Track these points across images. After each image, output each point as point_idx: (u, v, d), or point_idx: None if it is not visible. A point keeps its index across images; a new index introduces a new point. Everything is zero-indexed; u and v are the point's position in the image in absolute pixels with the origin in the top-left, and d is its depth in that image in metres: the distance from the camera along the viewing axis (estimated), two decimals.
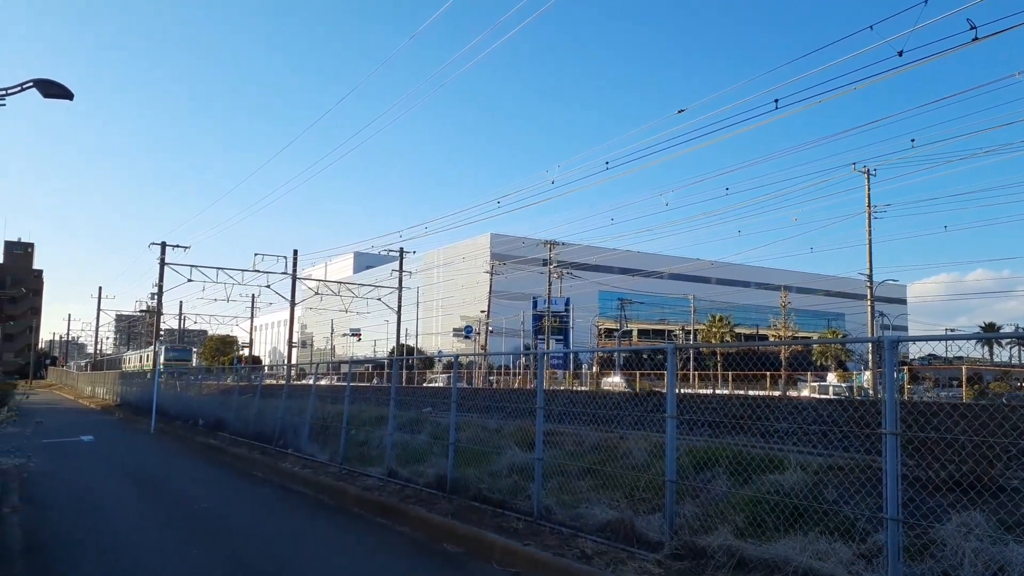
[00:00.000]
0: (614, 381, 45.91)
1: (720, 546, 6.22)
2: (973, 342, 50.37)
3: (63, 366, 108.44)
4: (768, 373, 46.17)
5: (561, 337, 66.71)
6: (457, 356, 12.54)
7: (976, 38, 14.22)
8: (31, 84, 13.41)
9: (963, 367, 38.97)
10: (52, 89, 13.50)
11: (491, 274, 61.82)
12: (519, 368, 57.52)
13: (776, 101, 18.13)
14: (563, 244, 61.45)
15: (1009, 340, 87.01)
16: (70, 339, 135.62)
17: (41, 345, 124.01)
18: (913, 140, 37.46)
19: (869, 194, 40.54)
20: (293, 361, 54.94)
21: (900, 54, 14.96)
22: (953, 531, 5.46)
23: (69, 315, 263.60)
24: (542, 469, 8.45)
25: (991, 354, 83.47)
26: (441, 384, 28.11)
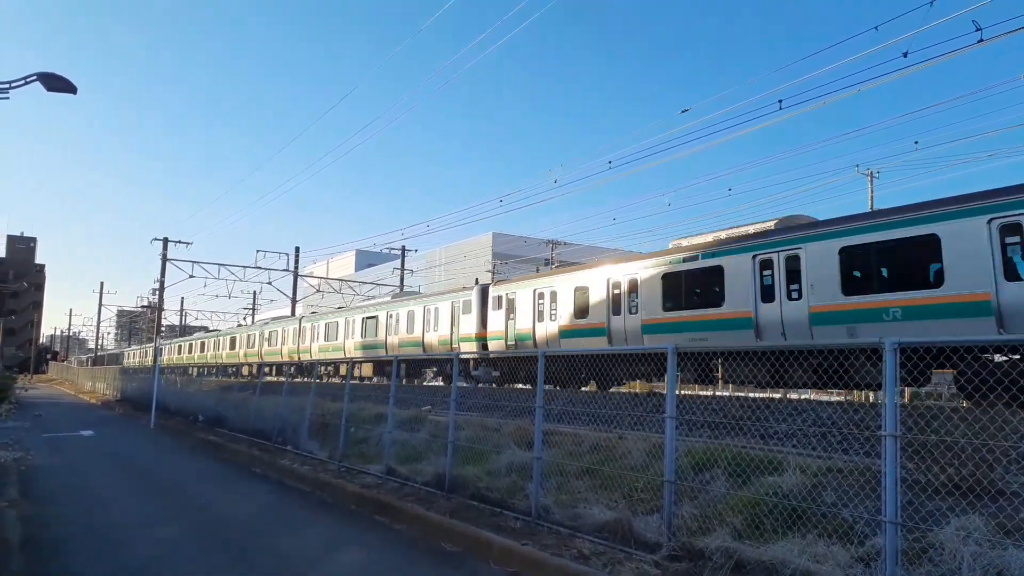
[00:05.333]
0: None
1: (718, 547, 6.21)
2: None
3: (64, 361, 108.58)
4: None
5: None
6: (457, 354, 12.53)
7: (982, 39, 14.19)
8: (35, 78, 13.42)
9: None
10: (55, 83, 13.52)
11: (493, 273, 61.82)
12: None
13: (780, 102, 18.12)
14: (565, 244, 61.38)
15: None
16: (71, 334, 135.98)
17: (42, 340, 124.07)
18: (917, 142, 37.27)
19: (872, 196, 40.42)
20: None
21: (905, 55, 14.95)
22: (952, 535, 5.43)
23: (71, 310, 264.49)
24: (541, 468, 8.44)
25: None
26: (440, 382, 28.08)
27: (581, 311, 20.48)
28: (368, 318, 32.65)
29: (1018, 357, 12.10)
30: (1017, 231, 12.35)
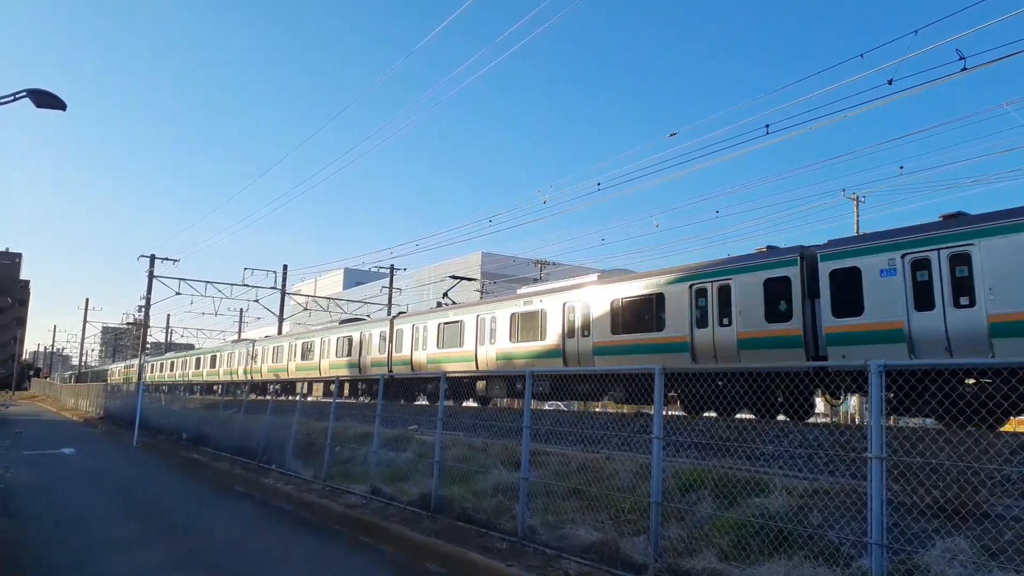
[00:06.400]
0: None
1: (704, 569, 6.18)
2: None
3: (47, 378, 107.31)
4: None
5: None
6: (444, 374, 12.47)
7: (965, 68, 14.38)
8: (24, 94, 13.36)
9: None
10: (45, 99, 13.45)
11: (481, 292, 61.74)
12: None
13: (767, 126, 18.25)
14: (553, 264, 61.39)
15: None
16: (55, 351, 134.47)
17: (26, 356, 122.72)
18: (902, 167, 37.65)
19: (858, 220, 40.77)
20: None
21: (890, 82, 15.11)
22: (937, 557, 5.44)
23: (55, 326, 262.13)
24: (527, 489, 8.39)
25: None
26: (427, 402, 27.98)
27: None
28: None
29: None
30: None
